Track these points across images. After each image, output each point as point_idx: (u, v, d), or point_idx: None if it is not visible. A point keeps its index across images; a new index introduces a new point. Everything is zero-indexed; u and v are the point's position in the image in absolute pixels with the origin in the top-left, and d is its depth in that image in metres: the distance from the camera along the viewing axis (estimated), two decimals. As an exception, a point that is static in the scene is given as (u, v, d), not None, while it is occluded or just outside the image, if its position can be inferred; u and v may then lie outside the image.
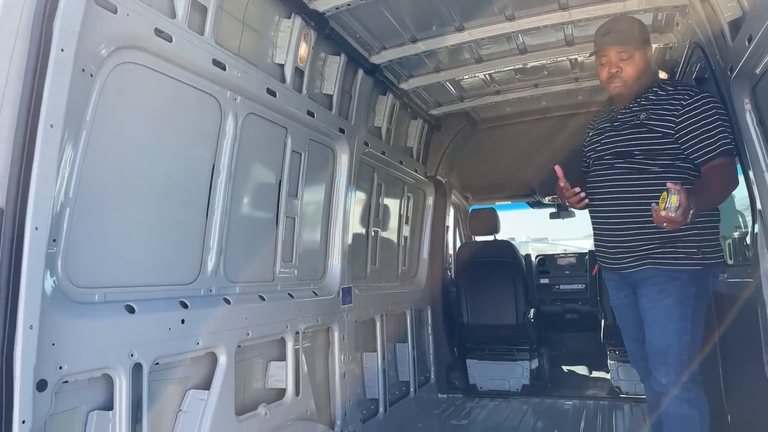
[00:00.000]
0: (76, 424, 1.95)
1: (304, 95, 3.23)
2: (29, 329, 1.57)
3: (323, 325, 3.50)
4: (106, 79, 2.01)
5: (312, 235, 3.59)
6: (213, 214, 2.60)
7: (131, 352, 2.04)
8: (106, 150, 2.07)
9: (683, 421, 2.50)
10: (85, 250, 1.98)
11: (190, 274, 2.50)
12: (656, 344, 2.57)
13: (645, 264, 2.59)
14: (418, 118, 5.04)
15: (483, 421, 4.66)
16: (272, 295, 3.02)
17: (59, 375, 1.77)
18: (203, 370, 2.50)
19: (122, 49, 2.05)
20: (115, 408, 2.00)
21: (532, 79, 4.65)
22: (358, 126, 3.87)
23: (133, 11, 2.04)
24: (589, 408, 4.80)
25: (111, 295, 2.07)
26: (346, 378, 3.65)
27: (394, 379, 4.63)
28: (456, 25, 3.61)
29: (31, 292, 1.58)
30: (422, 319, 5.36)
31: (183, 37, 2.28)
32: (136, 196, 2.22)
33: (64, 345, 1.79)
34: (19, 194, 1.56)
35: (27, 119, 1.58)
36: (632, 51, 2.64)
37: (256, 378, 2.92)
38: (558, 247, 9.81)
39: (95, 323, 1.94)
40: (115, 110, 2.08)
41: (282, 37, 3.00)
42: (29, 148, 1.59)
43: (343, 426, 3.53)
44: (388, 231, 4.85)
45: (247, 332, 2.68)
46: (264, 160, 3.05)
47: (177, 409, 2.37)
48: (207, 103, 2.55)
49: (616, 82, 2.69)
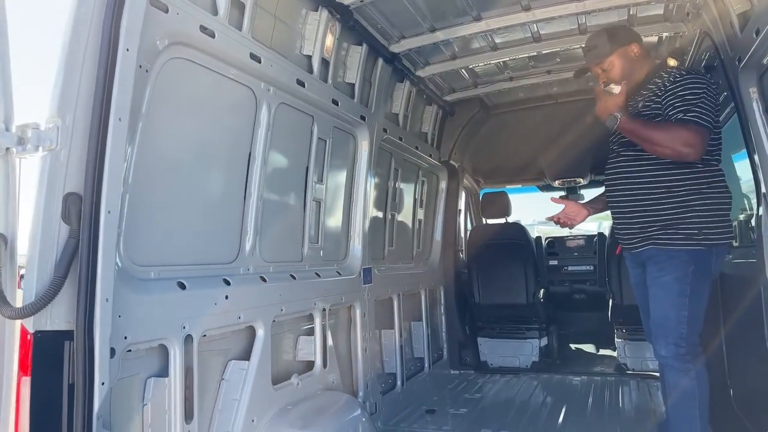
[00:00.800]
0: (136, 389, 2.15)
1: (329, 84, 3.39)
2: (105, 302, 1.76)
3: (346, 303, 3.70)
4: (158, 74, 2.17)
5: (335, 218, 3.77)
6: (249, 198, 2.78)
7: (183, 325, 2.24)
8: (157, 140, 2.24)
9: (683, 391, 2.69)
10: (141, 231, 2.17)
11: (230, 253, 2.69)
12: (656, 318, 2.77)
13: (649, 244, 2.79)
14: (433, 104, 5.18)
15: (494, 396, 4.87)
16: (301, 274, 3.21)
17: (124, 344, 1.97)
18: (243, 342, 2.70)
19: (172, 46, 2.21)
20: (170, 375, 2.20)
21: (544, 66, 4.78)
22: (377, 113, 4.03)
23: (181, 10, 2.20)
24: (597, 384, 5.00)
25: (164, 273, 2.26)
26: (367, 353, 3.85)
27: (410, 355, 4.84)
28: (473, 14, 3.74)
29: (106, 269, 1.76)
30: (435, 298, 5.56)
31: (224, 32, 2.44)
32: (183, 183, 2.40)
33: (128, 317, 1.98)
34: (95, 182, 1.74)
35: (100, 114, 1.76)
36: (608, 60, 2.94)
37: (287, 351, 3.13)
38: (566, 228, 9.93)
39: (152, 298, 2.14)
40: (164, 102, 2.25)
41: (309, 30, 3.15)
42: (102, 141, 1.77)
43: (365, 397, 3.75)
44: (403, 214, 5.03)
45: (281, 308, 2.88)
46: (293, 147, 3.22)
47: (220, 378, 2.58)
48: (244, 94, 2.72)
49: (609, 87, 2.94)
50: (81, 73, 1.76)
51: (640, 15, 3.80)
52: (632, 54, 2.95)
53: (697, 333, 2.72)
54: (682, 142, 2.57)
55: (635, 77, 2.91)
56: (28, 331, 1.67)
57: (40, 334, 1.68)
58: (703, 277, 2.70)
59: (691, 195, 2.68)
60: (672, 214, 2.69)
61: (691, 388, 2.65)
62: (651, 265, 2.79)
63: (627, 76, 2.90)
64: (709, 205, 2.71)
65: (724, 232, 2.74)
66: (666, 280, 2.70)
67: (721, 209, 2.75)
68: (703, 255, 2.68)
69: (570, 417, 4.08)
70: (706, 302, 2.73)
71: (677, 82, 2.72)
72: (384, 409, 3.99)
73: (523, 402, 4.62)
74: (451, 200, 5.81)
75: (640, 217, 2.79)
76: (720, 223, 2.73)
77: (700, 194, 2.69)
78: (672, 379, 2.72)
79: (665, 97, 2.73)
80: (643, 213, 2.77)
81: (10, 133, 1.73)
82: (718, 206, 2.74)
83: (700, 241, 2.67)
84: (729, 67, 3.08)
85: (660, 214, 2.72)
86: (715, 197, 2.73)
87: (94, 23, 1.77)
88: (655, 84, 2.83)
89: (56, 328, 1.70)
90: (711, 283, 2.78)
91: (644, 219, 2.78)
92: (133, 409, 2.12)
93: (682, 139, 2.57)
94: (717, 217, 2.73)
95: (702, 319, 2.72)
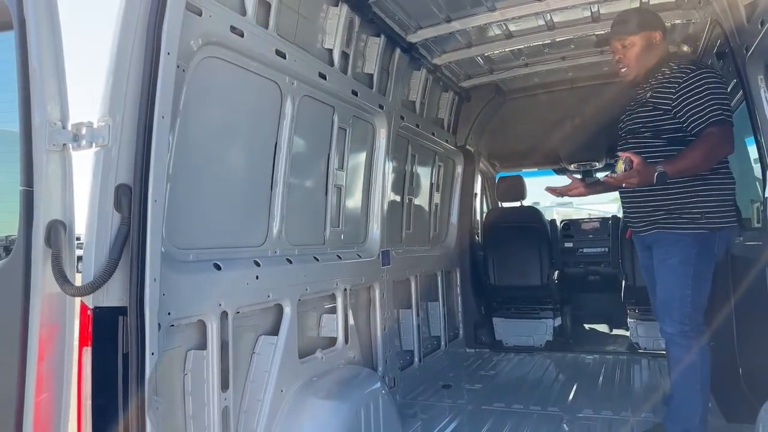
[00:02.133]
0: (178, 360, 2.37)
1: (348, 76, 3.55)
2: (153, 281, 1.97)
3: (366, 284, 3.90)
4: (193, 73, 2.36)
5: (355, 203, 3.96)
6: (276, 185, 2.98)
7: (219, 302, 2.45)
8: (193, 134, 2.43)
9: (685, 366, 2.85)
10: (181, 217, 2.37)
11: (260, 237, 2.90)
12: (662, 298, 2.92)
13: (655, 228, 2.93)
14: (449, 90, 5.31)
15: (508, 372, 5.06)
16: (324, 256, 3.41)
17: (168, 319, 2.19)
18: (271, 319, 2.91)
19: (205, 46, 2.39)
20: (208, 348, 2.42)
21: (559, 53, 4.87)
22: (395, 101, 4.18)
23: (214, 12, 2.37)
24: (609, 362, 5.16)
25: (202, 255, 2.47)
26: (386, 331, 4.06)
27: (427, 334, 5.05)
28: (488, 5, 3.85)
29: (153, 252, 1.97)
30: (451, 280, 5.75)
31: (252, 31, 2.61)
32: (217, 172, 2.60)
33: (171, 295, 2.19)
34: (142, 174, 1.94)
35: (145, 113, 1.95)
36: (631, 39, 2.97)
37: (311, 328, 3.34)
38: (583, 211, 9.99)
39: (192, 278, 2.35)
40: (199, 98, 2.43)
41: (330, 24, 3.31)
42: (148, 136, 1.96)
43: (384, 372, 3.96)
44: (420, 198, 5.20)
45: (305, 288, 3.09)
46: (315, 136, 3.40)
47: (251, 352, 2.80)
48: (270, 88, 2.89)
49: (621, 67, 3.04)
50: (128, 76, 1.95)
51: (652, 2, 3.87)
52: (654, 40, 3.00)
53: (701, 311, 2.86)
54: (717, 147, 2.70)
55: (647, 63, 3.00)
56: (88, 307, 1.90)
57: (98, 309, 1.90)
58: (706, 260, 2.83)
59: (695, 181, 2.80)
60: (677, 199, 2.82)
61: (693, 363, 2.81)
62: (657, 248, 2.94)
63: (640, 60, 2.99)
64: (712, 191, 2.83)
65: (727, 216, 2.86)
66: (671, 262, 2.85)
67: (724, 194, 2.87)
68: (706, 238, 2.81)
69: (581, 392, 4.25)
70: (709, 283, 2.87)
71: (691, 81, 2.79)
72: (402, 383, 4.21)
73: (536, 379, 4.80)
74: (467, 184, 5.95)
75: (647, 202, 2.92)
76: (723, 208, 2.85)
77: (704, 180, 2.81)
78: (676, 354, 2.88)
79: (680, 97, 2.80)
80: (649, 199, 2.90)
81: (66, 130, 1.93)
82: (721, 191, 2.86)
83: (704, 225, 2.80)
84: (738, 55, 3.16)
85: (665, 200, 2.85)
86: (718, 183, 2.85)
87: (138, 31, 1.96)
88: (662, 73, 2.93)
89: (112, 305, 1.92)
90: (715, 265, 2.90)
91: (651, 204, 2.91)
92: (176, 378, 2.35)
93: (714, 146, 2.69)
94: (720, 202, 2.85)
95: (706, 299, 2.86)
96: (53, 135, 1.89)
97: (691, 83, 2.78)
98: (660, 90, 2.90)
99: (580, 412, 3.80)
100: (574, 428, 3.55)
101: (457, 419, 3.79)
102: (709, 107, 2.72)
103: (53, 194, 1.90)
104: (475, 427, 3.63)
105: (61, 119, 1.93)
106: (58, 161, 1.93)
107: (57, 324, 1.90)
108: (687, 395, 2.85)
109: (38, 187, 1.88)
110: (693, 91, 2.77)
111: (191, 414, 2.37)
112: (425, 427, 3.63)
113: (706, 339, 2.86)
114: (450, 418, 3.80)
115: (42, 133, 1.87)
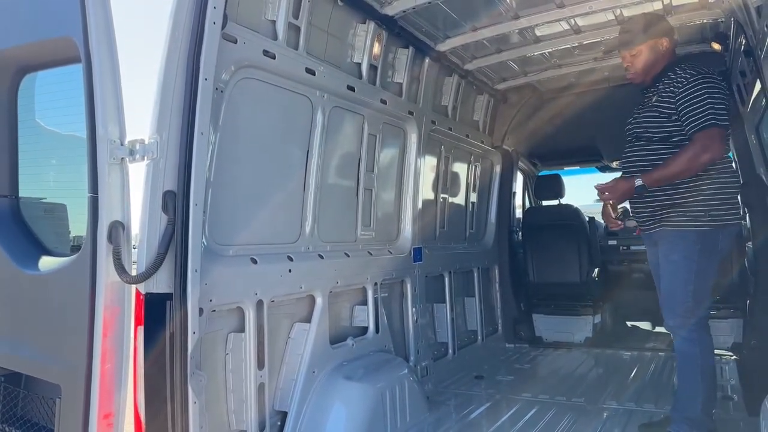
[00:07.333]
0: (220, 341, 2.75)
1: (377, 87, 3.84)
2: (195, 272, 2.33)
3: (397, 279, 4.18)
4: (230, 93, 2.72)
5: (387, 204, 4.24)
6: (308, 188, 3.31)
7: (255, 292, 2.81)
8: (233, 144, 2.80)
9: (687, 357, 2.98)
10: (222, 217, 2.74)
11: (293, 235, 3.24)
12: (665, 292, 3.04)
13: (660, 226, 3.05)
14: (484, 93, 5.48)
15: (544, 366, 5.20)
16: (355, 252, 3.72)
17: (210, 306, 2.56)
18: (305, 308, 3.25)
19: (241, 69, 2.75)
20: (246, 331, 2.78)
21: (590, 53, 4.95)
22: (425, 107, 4.43)
23: (248, 40, 2.73)
24: (645, 358, 5.19)
25: (240, 251, 2.83)
26: (418, 323, 4.32)
27: (463, 327, 5.25)
28: (511, 14, 4.03)
29: (195, 247, 2.33)
30: (490, 276, 5.93)
31: (283, 53, 2.95)
32: (253, 178, 2.96)
33: (212, 285, 2.56)
34: (185, 182, 2.31)
35: (187, 131, 2.32)
36: (639, 48, 3.10)
37: (343, 317, 3.66)
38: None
39: (231, 270, 2.72)
40: (236, 114, 2.80)
41: (358, 40, 3.61)
42: (189, 149, 2.33)
43: (417, 361, 4.23)
44: (456, 197, 5.41)
45: (336, 281, 3.41)
46: (346, 143, 3.71)
47: (287, 337, 3.15)
48: (301, 102, 3.23)
49: (630, 74, 3.19)
50: (172, 100, 2.32)
51: (675, 3, 3.93)
52: (661, 47, 3.11)
53: (703, 305, 2.96)
54: (703, 152, 2.81)
55: (654, 70, 3.12)
56: (141, 292, 2.28)
57: (149, 295, 2.28)
58: (709, 256, 2.93)
59: (699, 179, 2.91)
60: (681, 197, 2.93)
61: (694, 355, 2.92)
62: (663, 244, 3.06)
63: (649, 67, 3.12)
64: (716, 189, 2.92)
65: (730, 213, 2.95)
66: (675, 258, 2.96)
67: (727, 192, 2.96)
68: (710, 235, 2.91)
69: (609, 385, 4.36)
70: (712, 278, 2.97)
71: (689, 85, 2.90)
72: (435, 373, 4.45)
73: (568, 372, 4.91)
74: (505, 183, 6.12)
75: (653, 201, 3.04)
76: (726, 205, 2.94)
77: (708, 178, 2.91)
78: (679, 346, 3.01)
79: (679, 102, 2.92)
80: (655, 197, 3.02)
81: (123, 147, 2.32)
82: (724, 189, 2.95)
83: (708, 222, 2.90)
84: (756, 55, 3.22)
85: (670, 198, 2.97)
86: (722, 181, 2.94)
87: (180, 61, 2.32)
88: (669, 78, 3.04)
89: (160, 291, 2.29)
90: (719, 260, 3.00)
91: (656, 203, 3.03)
92: (218, 357, 2.73)
93: (701, 152, 2.82)
94: (724, 199, 2.94)
95: (708, 294, 2.97)
96: (113, 150, 2.28)
97: (689, 88, 2.89)
98: (664, 95, 3.01)
99: (604, 403, 3.93)
100: (594, 417, 3.69)
101: (483, 406, 4.00)
102: (701, 112, 2.83)
103: (114, 200, 2.29)
104: (498, 414, 3.83)
105: (119, 137, 2.32)
106: (118, 172, 2.32)
107: (118, 307, 2.29)
108: (689, 385, 2.96)
109: (102, 194, 2.27)
110: (690, 95, 2.88)
111: (231, 388, 2.74)
112: (450, 412, 3.87)
113: (707, 331, 2.96)
114: (475, 405, 4.02)
115: (104, 149, 2.27)
